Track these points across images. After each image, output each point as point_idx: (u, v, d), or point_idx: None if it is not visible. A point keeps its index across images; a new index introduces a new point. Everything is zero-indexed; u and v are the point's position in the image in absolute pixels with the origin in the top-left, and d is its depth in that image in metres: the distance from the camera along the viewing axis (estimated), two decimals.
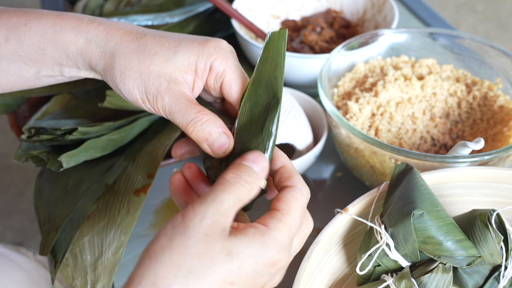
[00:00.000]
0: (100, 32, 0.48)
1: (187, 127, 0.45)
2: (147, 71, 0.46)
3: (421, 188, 0.52)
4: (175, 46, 0.47)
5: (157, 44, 0.47)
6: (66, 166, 0.66)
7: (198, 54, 0.47)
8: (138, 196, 0.65)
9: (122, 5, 0.97)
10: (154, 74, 0.46)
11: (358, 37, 0.76)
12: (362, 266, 0.53)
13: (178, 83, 0.46)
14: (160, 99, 0.46)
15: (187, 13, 0.90)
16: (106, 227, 0.64)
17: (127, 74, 0.47)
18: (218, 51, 0.48)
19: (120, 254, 0.62)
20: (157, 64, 0.46)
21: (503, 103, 0.70)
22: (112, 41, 0.48)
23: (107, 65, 0.47)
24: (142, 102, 0.47)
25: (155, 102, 0.46)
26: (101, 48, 0.48)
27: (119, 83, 0.47)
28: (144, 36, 0.48)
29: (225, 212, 0.38)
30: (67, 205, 0.65)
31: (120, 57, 0.47)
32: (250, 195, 0.41)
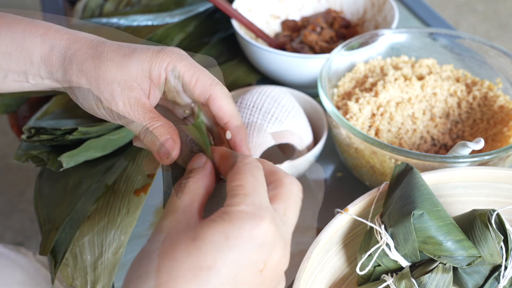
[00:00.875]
0: (64, 41, 0.48)
1: (140, 134, 0.45)
2: (101, 76, 0.46)
3: (421, 188, 0.52)
4: (129, 53, 0.47)
5: (112, 51, 0.47)
6: (66, 166, 0.66)
7: (152, 61, 0.47)
8: (138, 196, 0.65)
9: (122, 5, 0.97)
10: (108, 80, 0.46)
11: (358, 37, 0.76)
12: (362, 266, 0.53)
13: (133, 89, 0.46)
14: (114, 105, 0.46)
15: (187, 13, 0.90)
16: (106, 227, 0.64)
17: (82, 79, 0.47)
18: (171, 56, 0.47)
19: (120, 254, 0.62)
20: (111, 70, 0.46)
21: (503, 103, 0.70)
22: (73, 48, 0.48)
23: (66, 71, 0.48)
24: (96, 108, 0.47)
25: (110, 108, 0.46)
26: (62, 56, 0.48)
27: (75, 89, 0.47)
28: (102, 44, 0.48)
29: (184, 210, 0.38)
30: (67, 205, 0.65)
31: (77, 63, 0.47)
32: (200, 187, 0.40)
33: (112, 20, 0.87)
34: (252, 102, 0.69)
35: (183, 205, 0.38)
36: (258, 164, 0.40)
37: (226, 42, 0.93)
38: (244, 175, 0.38)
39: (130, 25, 0.85)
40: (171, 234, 0.36)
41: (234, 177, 0.38)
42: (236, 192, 0.37)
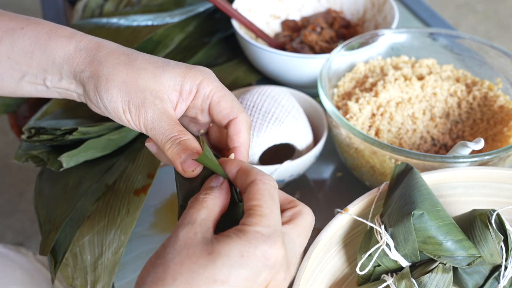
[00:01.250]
0: (92, 44, 0.49)
1: (165, 144, 0.46)
2: (133, 83, 0.47)
3: (421, 188, 0.52)
4: (163, 66, 0.48)
5: (146, 61, 0.48)
6: (66, 166, 0.66)
7: (185, 76, 0.48)
8: (138, 196, 0.65)
9: (122, 5, 0.97)
10: (141, 87, 0.47)
11: (358, 37, 0.76)
12: (362, 266, 0.53)
13: (163, 100, 0.47)
14: (143, 112, 0.47)
15: (187, 13, 0.90)
16: (106, 227, 0.64)
17: (112, 82, 0.47)
18: (203, 74, 0.49)
19: (120, 254, 0.62)
20: (144, 78, 0.47)
21: (503, 103, 0.70)
22: (103, 51, 0.49)
23: (94, 72, 0.48)
24: (122, 112, 0.47)
25: (138, 114, 0.47)
26: (91, 57, 0.49)
27: (102, 90, 0.47)
28: (135, 53, 0.49)
29: (199, 223, 0.39)
30: (67, 205, 0.65)
31: (108, 66, 0.48)
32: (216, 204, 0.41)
33: (112, 20, 0.87)
34: (252, 102, 0.69)
35: (200, 218, 0.39)
36: (276, 185, 0.42)
37: (226, 42, 0.93)
38: (263, 196, 0.40)
39: (130, 25, 0.85)
40: (188, 245, 0.37)
41: (253, 197, 0.40)
42: (254, 212, 0.39)
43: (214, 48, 0.92)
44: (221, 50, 0.92)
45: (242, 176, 0.43)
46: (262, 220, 0.39)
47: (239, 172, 0.43)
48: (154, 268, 0.37)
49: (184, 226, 0.39)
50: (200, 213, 0.40)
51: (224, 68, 0.88)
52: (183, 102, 0.49)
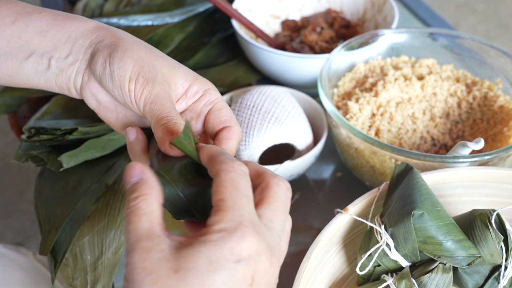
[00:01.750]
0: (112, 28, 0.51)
1: (161, 120, 0.45)
2: (149, 61, 0.48)
3: (421, 188, 0.52)
4: (178, 64, 0.50)
5: (163, 54, 0.50)
6: (66, 166, 0.66)
7: (195, 79, 0.50)
8: None
9: (122, 5, 0.97)
10: (155, 67, 0.48)
11: (358, 37, 0.76)
12: (362, 266, 0.53)
13: (171, 87, 0.48)
14: (151, 84, 0.47)
15: (187, 13, 0.90)
16: (106, 227, 0.64)
17: (130, 53, 0.48)
18: (211, 85, 0.50)
19: (120, 254, 0.62)
20: (160, 63, 0.48)
21: (503, 103, 0.70)
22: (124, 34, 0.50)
23: (113, 42, 0.49)
24: (128, 80, 0.47)
25: (144, 85, 0.47)
26: (112, 33, 0.50)
27: (116, 57, 0.47)
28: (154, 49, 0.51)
29: (148, 236, 0.34)
30: (67, 205, 0.65)
31: (129, 42, 0.49)
32: (150, 203, 0.36)
33: (112, 20, 0.87)
34: (252, 102, 0.69)
35: (143, 231, 0.35)
36: (243, 169, 0.38)
37: (226, 42, 0.93)
38: (225, 188, 0.36)
39: (130, 25, 0.85)
40: (147, 269, 0.33)
41: (216, 190, 0.37)
42: (217, 208, 0.36)
43: (214, 48, 0.92)
44: (221, 50, 0.92)
45: (210, 165, 0.40)
46: (225, 215, 0.35)
47: (208, 160, 0.40)
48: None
49: (133, 248, 0.34)
50: (140, 224, 0.35)
51: (224, 68, 0.88)
52: (184, 101, 0.49)
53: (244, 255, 0.34)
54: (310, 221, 0.69)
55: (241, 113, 0.69)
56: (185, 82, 0.49)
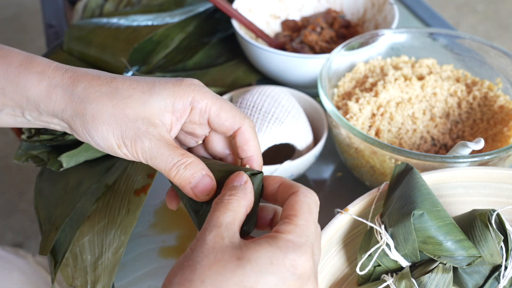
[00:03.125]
0: (66, 78, 0.46)
1: (170, 171, 0.44)
2: (122, 114, 0.44)
3: (421, 188, 0.52)
4: (149, 89, 0.46)
5: (129, 87, 0.46)
6: (66, 166, 0.66)
7: (175, 95, 0.46)
8: (138, 196, 0.65)
9: (122, 5, 0.97)
10: (131, 118, 0.45)
11: (358, 37, 0.76)
12: (362, 266, 0.53)
13: (157, 126, 0.45)
14: (139, 143, 0.44)
15: (187, 13, 0.90)
16: (106, 227, 0.64)
17: (100, 119, 0.45)
18: (193, 88, 0.46)
19: (120, 254, 0.62)
20: (132, 107, 0.45)
21: (503, 103, 0.70)
22: (80, 86, 0.46)
23: (77, 111, 0.45)
24: (117, 148, 0.45)
25: (134, 146, 0.45)
26: (69, 94, 0.46)
27: (91, 129, 0.45)
28: (115, 80, 0.46)
29: (226, 226, 0.39)
30: (67, 205, 0.65)
31: (91, 102, 0.45)
32: (241, 206, 0.41)
33: (112, 20, 0.87)
34: (252, 102, 0.69)
35: (225, 221, 0.39)
36: (317, 201, 0.42)
37: (226, 42, 0.93)
38: (301, 208, 0.40)
39: (130, 25, 0.85)
40: (215, 249, 0.37)
41: (292, 207, 0.41)
42: (289, 221, 0.40)
43: (214, 48, 0.92)
44: (221, 50, 0.92)
45: (284, 189, 0.43)
46: (295, 230, 0.39)
47: (281, 186, 0.44)
48: (182, 270, 0.37)
49: (211, 229, 0.39)
50: (226, 216, 0.39)
51: (224, 68, 0.88)
52: (177, 121, 0.47)
53: (300, 270, 0.38)
54: None
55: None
56: (166, 107, 0.46)
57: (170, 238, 0.67)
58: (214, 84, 0.84)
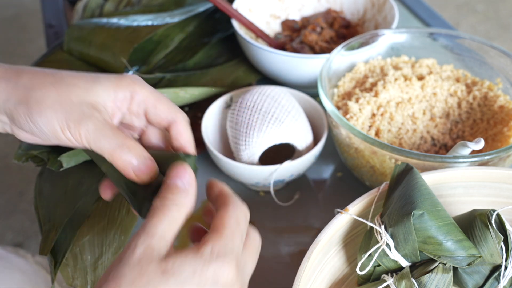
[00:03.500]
0: (10, 72, 0.47)
1: (114, 152, 0.45)
2: (67, 100, 0.46)
3: (421, 188, 0.52)
4: (92, 79, 0.48)
5: (73, 77, 0.47)
6: (66, 166, 0.66)
7: (117, 86, 0.48)
8: None
9: (122, 5, 0.97)
10: (75, 102, 0.46)
11: (358, 37, 0.76)
12: (362, 266, 0.53)
13: (101, 111, 0.46)
14: (84, 125, 0.45)
15: (187, 13, 0.90)
16: (106, 227, 0.64)
17: (45, 103, 0.46)
18: (134, 81, 0.48)
19: None
20: (77, 94, 0.46)
21: (503, 103, 0.70)
22: (25, 77, 0.47)
23: (21, 99, 0.46)
24: (61, 131, 0.45)
25: (78, 129, 0.45)
26: (12, 84, 0.46)
27: (35, 115, 0.45)
28: (59, 73, 0.48)
29: (160, 236, 0.39)
30: (67, 205, 0.65)
31: (35, 89, 0.46)
32: (182, 212, 0.41)
33: (112, 20, 0.87)
34: (252, 102, 0.69)
35: (160, 231, 0.39)
36: (247, 215, 0.43)
37: (226, 42, 0.93)
38: (229, 218, 0.41)
39: (130, 25, 0.85)
40: (142, 262, 0.37)
41: (220, 217, 0.41)
42: (216, 230, 0.40)
43: (214, 48, 0.92)
44: (221, 50, 0.92)
45: (219, 198, 0.44)
46: (220, 241, 0.39)
47: (219, 194, 0.44)
48: (107, 283, 0.37)
49: (144, 240, 0.38)
50: (162, 225, 0.39)
51: (224, 68, 0.88)
52: (118, 111, 0.48)
53: (222, 281, 0.38)
54: (310, 221, 0.69)
55: (241, 113, 0.69)
56: (109, 95, 0.47)
57: None
58: (214, 84, 0.84)
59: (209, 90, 0.80)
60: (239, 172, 0.67)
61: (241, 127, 0.68)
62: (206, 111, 0.75)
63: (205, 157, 0.76)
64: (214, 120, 0.76)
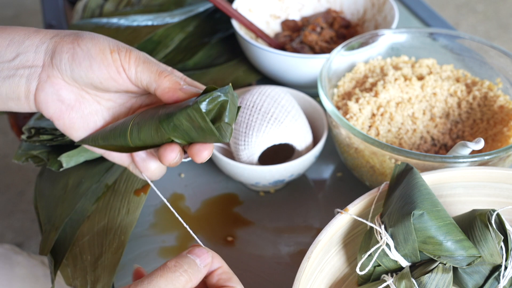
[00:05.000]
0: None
1: (161, 74, 0.46)
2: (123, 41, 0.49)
3: (421, 188, 0.52)
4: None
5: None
6: (66, 166, 0.66)
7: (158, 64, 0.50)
8: (138, 196, 0.65)
9: (122, 5, 0.97)
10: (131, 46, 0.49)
11: (358, 37, 0.76)
12: (362, 266, 0.53)
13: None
14: (135, 52, 0.47)
15: (187, 13, 0.90)
16: (106, 227, 0.64)
17: (98, 36, 0.48)
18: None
19: (120, 254, 0.62)
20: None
21: (503, 103, 0.70)
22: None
23: (73, 32, 0.47)
24: (109, 52, 0.46)
25: (128, 53, 0.46)
26: (63, 30, 0.49)
27: (84, 39, 0.46)
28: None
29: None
30: (67, 205, 0.65)
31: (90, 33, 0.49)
32: (187, 286, 0.42)
33: (112, 20, 0.87)
34: (252, 102, 0.69)
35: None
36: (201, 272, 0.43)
37: (226, 42, 0.93)
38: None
39: (130, 25, 0.85)
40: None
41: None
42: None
43: (214, 48, 0.92)
44: (221, 50, 0.92)
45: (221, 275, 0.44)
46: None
47: (220, 269, 0.45)
48: None
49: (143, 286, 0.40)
50: (163, 285, 0.40)
51: (224, 68, 0.88)
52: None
53: None
54: (310, 221, 0.69)
55: (241, 113, 0.69)
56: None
57: (170, 238, 0.67)
58: (214, 84, 0.84)
59: None
60: (239, 172, 0.67)
61: (240, 127, 0.68)
62: None
63: None
64: None
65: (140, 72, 0.46)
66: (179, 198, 0.72)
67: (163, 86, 0.46)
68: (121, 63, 0.46)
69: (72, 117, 0.50)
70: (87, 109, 0.50)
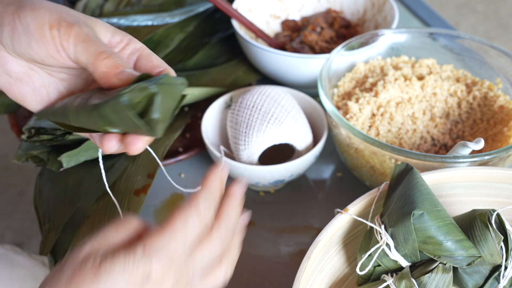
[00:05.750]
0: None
1: (100, 54, 0.43)
2: (66, 10, 0.45)
3: (421, 188, 0.52)
4: (94, 18, 0.48)
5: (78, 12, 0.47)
6: (66, 166, 0.66)
7: (115, 30, 0.48)
8: (138, 196, 0.65)
9: (122, 5, 0.97)
10: (74, 14, 0.45)
11: (358, 37, 0.76)
12: (362, 266, 0.53)
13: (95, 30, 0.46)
14: (77, 27, 0.43)
15: (187, 13, 0.90)
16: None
17: (40, 5, 0.44)
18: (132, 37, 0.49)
19: None
20: (76, 13, 0.46)
21: (503, 103, 0.70)
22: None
23: (15, 1, 0.44)
24: (48, 28, 0.43)
25: (69, 29, 0.43)
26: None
27: (25, 10, 0.43)
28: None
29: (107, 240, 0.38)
30: (67, 205, 0.65)
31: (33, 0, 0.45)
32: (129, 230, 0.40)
33: (112, 20, 0.87)
34: (252, 102, 0.69)
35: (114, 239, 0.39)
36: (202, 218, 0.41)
37: (226, 42, 0.93)
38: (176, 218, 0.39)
39: (130, 25, 0.85)
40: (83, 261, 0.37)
41: (172, 214, 0.40)
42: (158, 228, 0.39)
43: (214, 48, 0.92)
44: (221, 50, 0.92)
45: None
46: (157, 237, 0.38)
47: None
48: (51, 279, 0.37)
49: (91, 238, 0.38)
50: (117, 235, 0.39)
51: (224, 68, 0.88)
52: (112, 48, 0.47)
53: (154, 276, 0.37)
54: (310, 221, 0.69)
55: (241, 113, 0.69)
56: (106, 31, 0.46)
57: None
58: (214, 84, 0.84)
59: (209, 90, 0.80)
60: (239, 172, 0.67)
61: (240, 127, 0.68)
62: (206, 111, 0.75)
63: (205, 157, 0.76)
64: (214, 120, 0.76)
65: (78, 52, 0.43)
66: (179, 198, 0.72)
67: (99, 70, 0.43)
68: (60, 41, 0.43)
69: (23, 90, 0.47)
70: (38, 82, 0.48)
